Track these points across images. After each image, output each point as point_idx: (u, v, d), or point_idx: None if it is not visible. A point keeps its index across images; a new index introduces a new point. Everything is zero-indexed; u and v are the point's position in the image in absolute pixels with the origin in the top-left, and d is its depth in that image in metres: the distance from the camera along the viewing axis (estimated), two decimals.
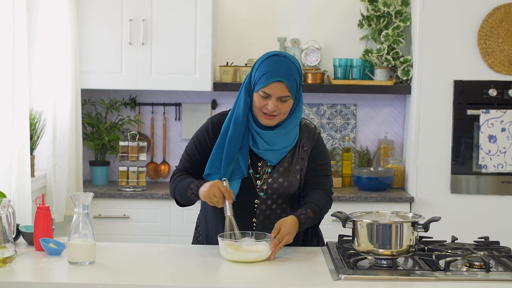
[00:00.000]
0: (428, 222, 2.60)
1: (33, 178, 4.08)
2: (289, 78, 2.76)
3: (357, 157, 4.97)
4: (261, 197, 2.86)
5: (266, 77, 2.75)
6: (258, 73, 2.78)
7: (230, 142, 2.82)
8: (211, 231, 2.96)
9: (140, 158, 4.67)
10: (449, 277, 2.44)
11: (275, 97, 2.76)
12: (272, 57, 2.80)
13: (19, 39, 3.61)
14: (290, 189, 2.87)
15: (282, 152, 2.86)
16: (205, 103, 5.00)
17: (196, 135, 2.96)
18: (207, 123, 2.96)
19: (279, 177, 2.86)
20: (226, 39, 4.98)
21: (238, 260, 2.61)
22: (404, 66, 4.68)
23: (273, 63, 2.77)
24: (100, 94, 5.01)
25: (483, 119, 4.47)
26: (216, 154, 2.85)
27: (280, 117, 2.82)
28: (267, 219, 2.86)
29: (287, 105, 2.80)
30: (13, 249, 2.53)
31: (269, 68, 2.76)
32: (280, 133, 2.85)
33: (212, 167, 2.85)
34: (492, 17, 4.47)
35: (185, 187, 2.84)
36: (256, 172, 2.88)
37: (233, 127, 2.82)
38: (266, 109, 2.79)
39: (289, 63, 2.78)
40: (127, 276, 2.46)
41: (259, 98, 2.79)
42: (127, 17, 4.63)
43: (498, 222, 4.49)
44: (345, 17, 4.95)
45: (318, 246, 2.97)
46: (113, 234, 4.49)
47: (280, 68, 2.76)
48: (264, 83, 2.75)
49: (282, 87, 2.75)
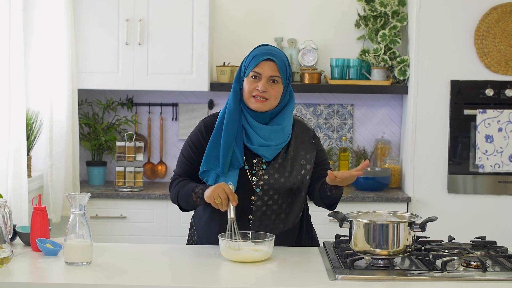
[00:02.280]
0: (425, 222, 2.61)
1: (30, 179, 4.08)
2: (279, 58, 2.86)
3: (354, 157, 4.97)
4: (257, 193, 2.87)
5: (256, 58, 2.85)
6: (248, 59, 2.89)
7: (226, 130, 2.85)
8: (205, 232, 2.97)
9: (137, 158, 4.67)
10: (446, 277, 2.44)
11: (266, 76, 2.83)
12: (262, 46, 2.93)
13: (15, 39, 3.60)
14: (286, 185, 2.89)
15: (277, 148, 2.89)
16: (202, 103, 5.00)
17: (190, 137, 2.98)
18: (199, 125, 2.99)
19: (274, 173, 2.88)
20: (223, 39, 4.98)
21: (239, 260, 2.61)
22: (401, 66, 4.68)
23: (261, 48, 2.90)
24: (97, 95, 5.01)
25: (480, 119, 4.47)
26: (211, 151, 2.87)
27: (270, 102, 2.86)
28: (263, 215, 2.87)
29: (277, 88, 2.85)
30: (10, 249, 2.53)
31: (259, 52, 2.88)
32: (276, 130, 2.88)
33: (208, 163, 2.87)
34: (488, 17, 4.47)
35: (189, 192, 2.85)
36: (252, 169, 2.90)
37: (227, 116, 2.87)
38: (257, 91, 2.84)
39: (277, 50, 2.91)
40: (124, 277, 2.46)
41: (249, 81, 2.86)
42: (123, 17, 4.63)
43: (495, 222, 4.49)
44: (342, 17, 4.95)
45: (312, 245, 2.99)
46: (110, 235, 4.49)
47: (269, 51, 2.88)
48: (255, 63, 2.84)
49: (272, 66, 2.84)
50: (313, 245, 3.01)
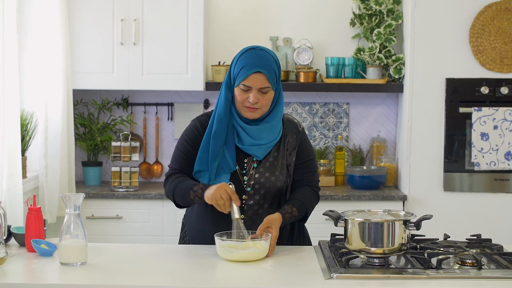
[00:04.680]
0: (420, 220, 2.61)
1: (25, 179, 4.07)
2: (268, 68, 2.82)
3: (350, 156, 4.97)
4: (248, 192, 2.88)
5: (245, 70, 2.80)
6: (237, 67, 2.84)
7: (214, 137, 2.86)
8: (197, 232, 2.98)
9: (132, 158, 4.66)
10: (441, 275, 2.44)
11: (256, 88, 2.81)
12: (249, 51, 2.86)
13: (9, 39, 3.60)
14: (277, 184, 2.89)
15: (268, 146, 2.89)
16: (197, 102, 5.00)
17: (185, 133, 2.98)
18: (194, 122, 3.00)
19: (265, 171, 2.89)
20: (218, 39, 4.98)
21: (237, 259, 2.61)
22: (396, 65, 4.68)
23: (250, 56, 2.83)
24: (92, 95, 5.00)
25: (475, 117, 4.48)
26: (204, 152, 2.88)
27: (262, 110, 2.86)
28: (255, 214, 2.87)
29: (268, 96, 2.84)
30: (4, 250, 2.52)
31: (247, 61, 2.82)
32: (265, 128, 2.88)
33: (201, 164, 2.88)
34: (483, 15, 4.47)
35: (187, 190, 2.84)
36: (243, 168, 2.90)
37: (216, 123, 2.87)
38: (248, 102, 2.83)
39: (266, 55, 2.84)
40: (119, 277, 2.45)
41: (240, 92, 2.84)
42: (118, 17, 4.62)
43: (491, 219, 4.49)
44: (337, 16, 4.95)
45: (304, 244, 2.99)
46: (106, 235, 4.48)
47: (258, 60, 2.81)
48: (244, 75, 2.80)
49: (262, 78, 2.81)
50: (305, 244, 3.02)
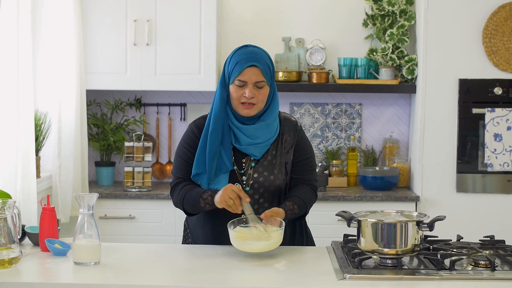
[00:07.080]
0: (433, 221, 2.60)
1: (38, 179, 4.09)
2: (261, 62, 2.84)
3: (362, 157, 4.97)
4: (248, 192, 2.88)
5: (239, 65, 2.83)
6: (231, 65, 2.86)
7: (211, 137, 2.86)
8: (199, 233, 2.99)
9: (145, 159, 4.67)
10: (455, 276, 2.44)
11: (251, 83, 2.83)
12: (242, 48, 2.90)
13: (23, 40, 3.61)
14: (276, 182, 2.90)
15: (265, 145, 2.90)
16: (210, 103, 5.00)
17: (184, 139, 2.99)
18: (190, 127, 3.00)
19: (263, 170, 2.89)
20: (231, 39, 4.99)
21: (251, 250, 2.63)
22: (409, 65, 4.67)
23: (244, 52, 2.87)
24: (105, 95, 5.02)
25: (488, 118, 4.46)
26: (201, 154, 2.89)
27: (258, 106, 2.87)
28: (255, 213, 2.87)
29: (263, 92, 2.86)
30: (19, 250, 2.54)
31: (241, 57, 2.85)
32: (261, 127, 2.89)
33: (199, 167, 2.89)
34: (497, 16, 4.46)
35: (196, 198, 2.85)
36: (241, 168, 2.91)
37: (212, 123, 2.88)
38: (244, 98, 2.84)
39: (259, 51, 2.89)
40: (132, 277, 2.46)
41: (235, 89, 2.85)
42: (131, 17, 4.64)
43: (504, 220, 4.48)
44: (350, 16, 4.95)
45: (307, 245, 3.00)
46: (119, 235, 4.49)
47: (251, 55, 2.85)
48: (239, 70, 2.83)
49: (257, 72, 2.83)
50: (308, 244, 3.02)
